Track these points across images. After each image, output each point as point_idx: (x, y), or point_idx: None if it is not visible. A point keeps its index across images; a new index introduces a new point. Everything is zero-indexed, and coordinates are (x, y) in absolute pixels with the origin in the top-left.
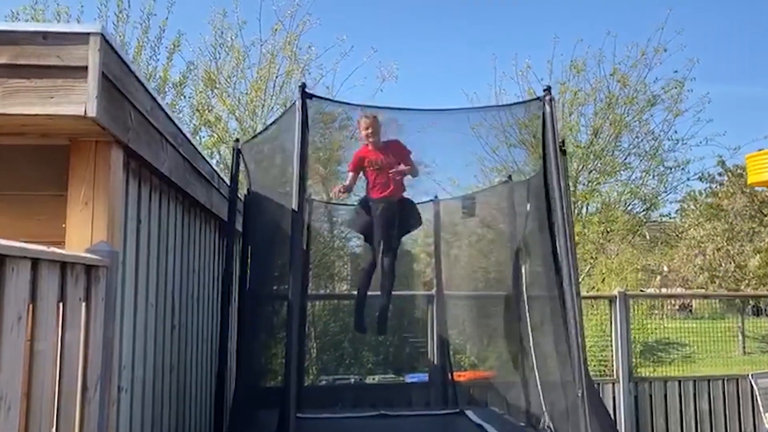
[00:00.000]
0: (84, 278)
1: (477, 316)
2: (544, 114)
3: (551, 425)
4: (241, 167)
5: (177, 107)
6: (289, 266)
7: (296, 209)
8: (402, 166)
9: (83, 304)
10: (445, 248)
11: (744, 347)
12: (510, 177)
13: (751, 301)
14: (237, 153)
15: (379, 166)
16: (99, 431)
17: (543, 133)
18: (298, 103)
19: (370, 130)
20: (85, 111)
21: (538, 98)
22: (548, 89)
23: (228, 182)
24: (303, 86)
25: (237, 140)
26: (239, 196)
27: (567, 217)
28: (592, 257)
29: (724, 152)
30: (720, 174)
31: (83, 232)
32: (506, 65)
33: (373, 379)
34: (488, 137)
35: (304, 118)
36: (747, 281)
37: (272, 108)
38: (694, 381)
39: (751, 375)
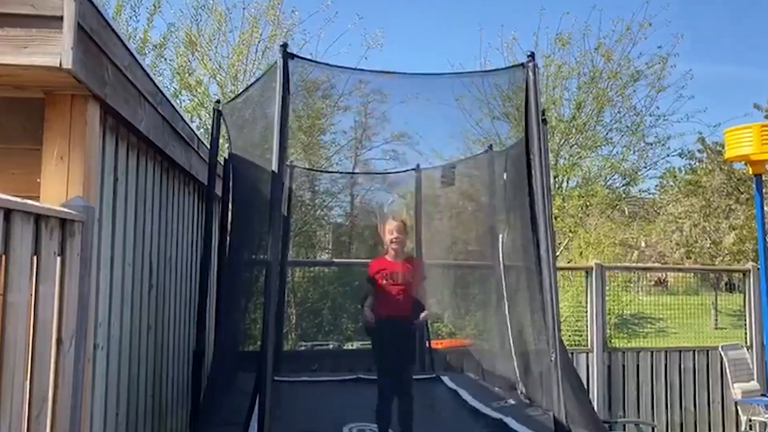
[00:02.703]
0: (59, 232)
1: (455, 286)
2: (527, 81)
3: (524, 390)
4: (223, 130)
5: (157, 70)
6: (268, 226)
7: (276, 171)
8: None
9: (58, 258)
10: (426, 217)
11: (716, 322)
12: (491, 147)
13: (725, 278)
14: (218, 115)
15: (397, 280)
16: (74, 386)
17: (526, 101)
18: (280, 63)
19: (395, 235)
20: (61, 62)
21: (522, 64)
22: (532, 55)
23: (208, 145)
24: (285, 45)
25: (218, 101)
26: (219, 159)
27: (546, 186)
28: (571, 231)
29: (704, 129)
30: (699, 151)
31: (58, 187)
32: (492, 37)
33: (352, 345)
34: (472, 109)
35: (286, 79)
36: (722, 257)
37: (253, 73)
38: (666, 352)
39: (721, 347)
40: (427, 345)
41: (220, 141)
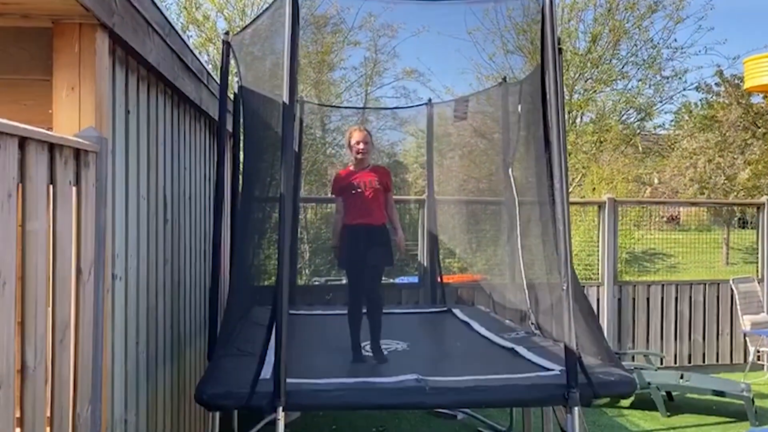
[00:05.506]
0: (73, 162)
1: (467, 221)
2: (543, 6)
3: (536, 322)
4: (232, 64)
5: (164, 4)
6: (280, 159)
7: (287, 102)
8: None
9: (74, 188)
10: (438, 154)
11: (728, 258)
12: (505, 79)
13: (737, 214)
14: (227, 47)
15: (364, 189)
16: (95, 314)
17: (542, 29)
18: None
19: (361, 146)
20: None
21: None
22: None
23: (217, 80)
24: None
25: (227, 32)
26: (229, 94)
27: (561, 117)
28: (584, 167)
29: (722, 62)
30: (717, 84)
31: (71, 118)
32: None
33: None
34: (485, 43)
35: (295, 7)
36: (736, 193)
37: (261, 8)
38: (677, 285)
39: (733, 279)
40: (439, 280)
41: (230, 75)
